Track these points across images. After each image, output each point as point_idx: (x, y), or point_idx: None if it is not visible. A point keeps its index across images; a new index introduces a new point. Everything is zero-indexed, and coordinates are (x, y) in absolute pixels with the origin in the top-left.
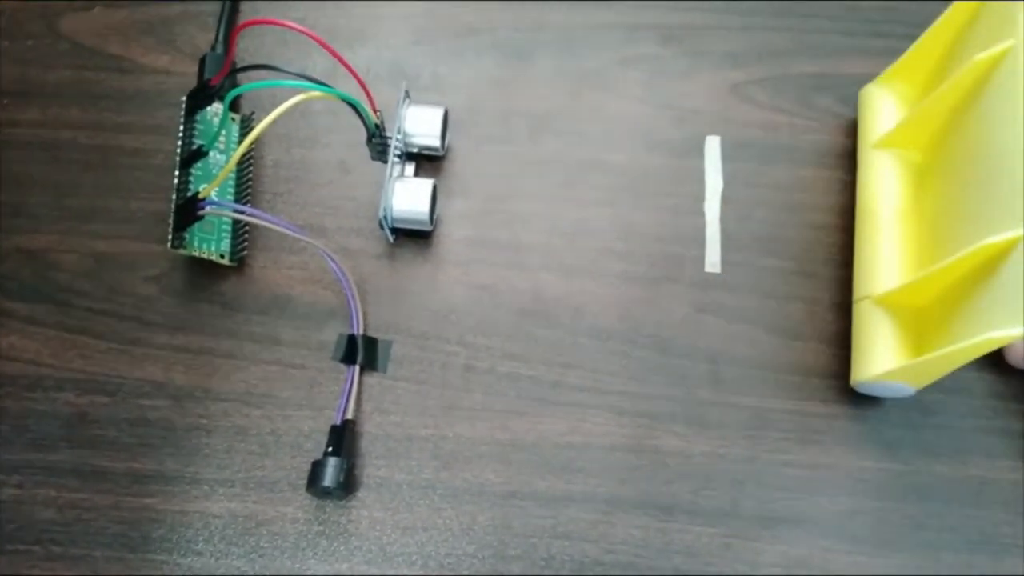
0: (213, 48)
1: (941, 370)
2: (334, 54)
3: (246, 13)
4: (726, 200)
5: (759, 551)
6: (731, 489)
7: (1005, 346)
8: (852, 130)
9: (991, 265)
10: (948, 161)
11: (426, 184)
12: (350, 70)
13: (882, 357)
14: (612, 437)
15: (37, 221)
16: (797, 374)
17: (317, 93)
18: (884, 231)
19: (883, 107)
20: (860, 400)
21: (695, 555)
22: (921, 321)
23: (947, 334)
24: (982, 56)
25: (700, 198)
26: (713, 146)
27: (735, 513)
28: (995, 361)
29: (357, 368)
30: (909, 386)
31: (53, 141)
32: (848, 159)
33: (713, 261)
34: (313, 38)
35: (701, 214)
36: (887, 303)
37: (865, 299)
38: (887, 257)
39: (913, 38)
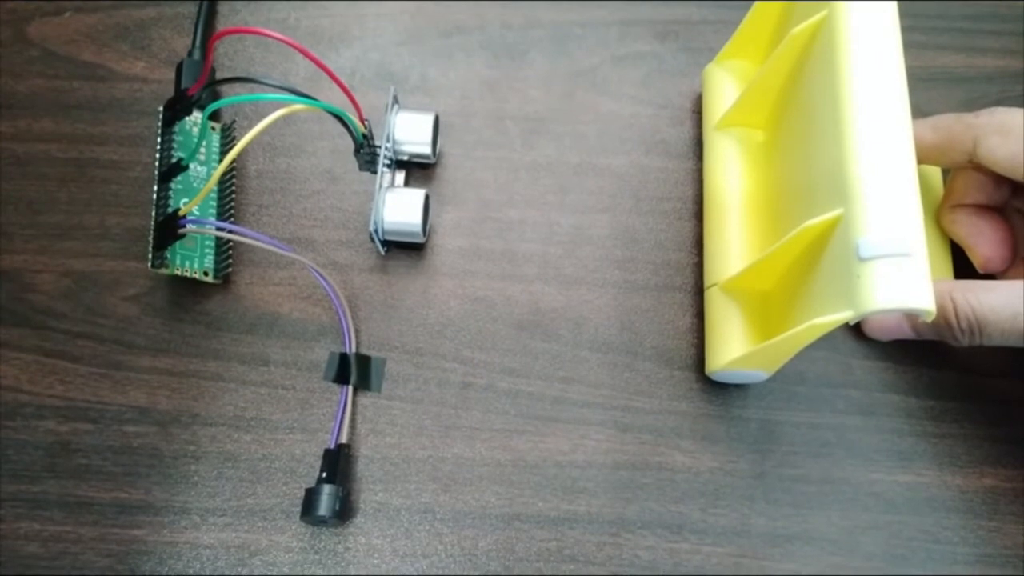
0: (190, 54)
1: (784, 355)
2: (317, 63)
3: (224, 14)
4: None
5: (769, 570)
6: (740, 506)
7: (862, 321)
8: None
9: (816, 248)
10: (783, 140)
11: (418, 194)
12: (335, 79)
13: (730, 344)
14: (616, 455)
15: (10, 239)
16: (805, 384)
17: (300, 106)
18: (730, 214)
19: (724, 86)
20: (871, 411)
21: (705, 575)
22: (768, 306)
23: (788, 319)
24: (797, 30)
25: (701, 201)
26: None
27: (745, 531)
28: (1005, 367)
29: (350, 388)
30: (762, 372)
31: (25, 155)
32: None
33: None
34: (294, 46)
35: (702, 218)
36: (733, 289)
37: (713, 286)
38: (734, 242)
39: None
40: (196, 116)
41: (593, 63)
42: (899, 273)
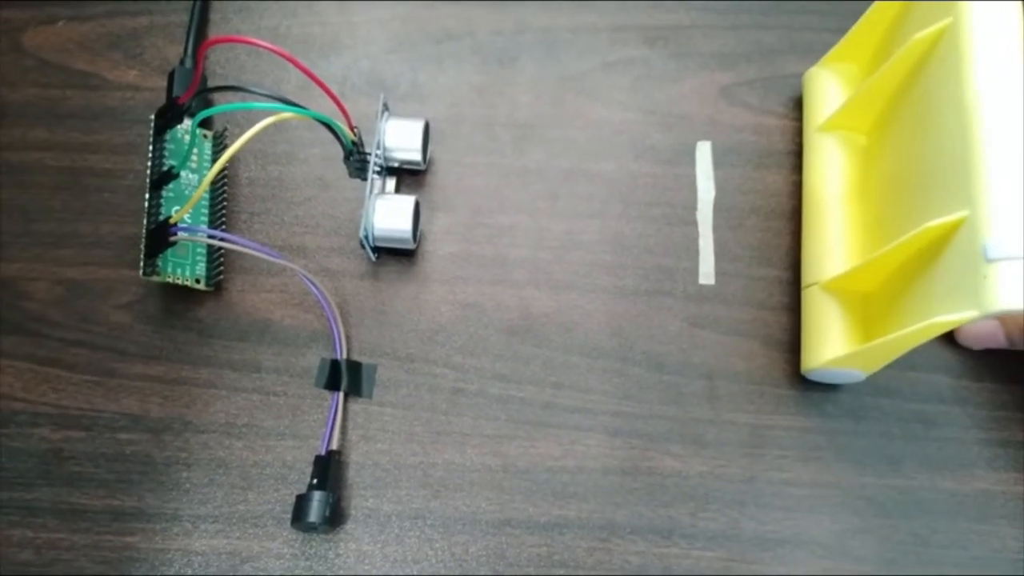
0: (182, 62)
1: (890, 355)
2: (306, 71)
3: (216, 22)
4: (718, 208)
5: (760, 574)
6: (730, 510)
7: (956, 328)
8: None
9: (935, 248)
10: (892, 143)
11: (408, 201)
12: (325, 89)
13: (831, 343)
14: (606, 460)
15: (4, 248)
16: (795, 388)
17: (289, 115)
18: (831, 216)
19: (828, 90)
20: (861, 414)
21: None
22: (869, 306)
23: (895, 319)
24: (920, 35)
25: (691, 207)
26: (704, 152)
27: (735, 535)
28: (997, 371)
29: (341, 394)
30: (860, 372)
31: (19, 163)
32: None
33: (707, 272)
34: (284, 56)
35: (693, 223)
36: (835, 289)
37: (813, 285)
38: (834, 242)
39: None
40: (187, 124)
41: (583, 69)
42: None
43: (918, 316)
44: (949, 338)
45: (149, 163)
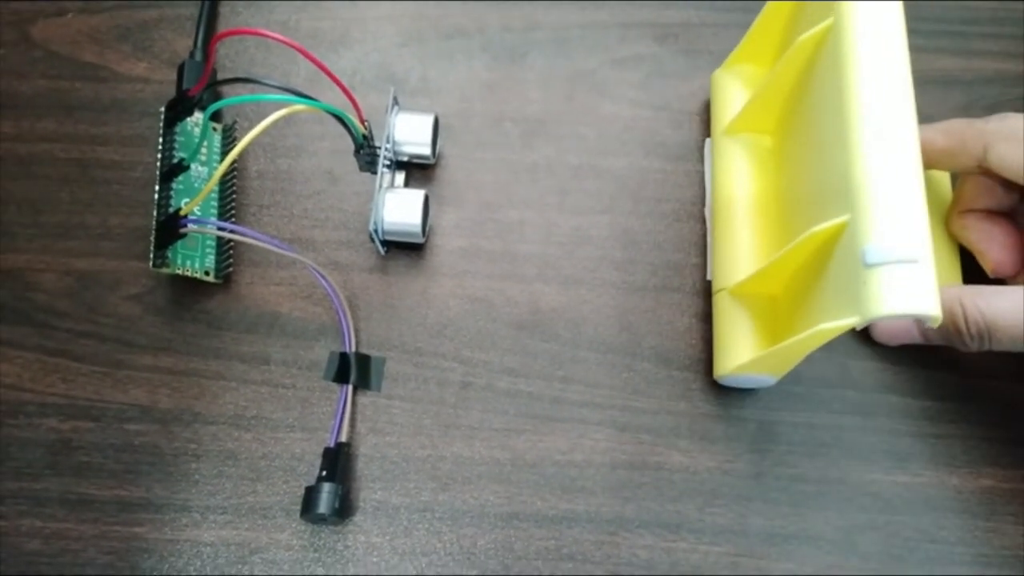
0: (192, 55)
1: (792, 359)
2: (317, 64)
3: (225, 15)
4: None
5: (767, 569)
6: (738, 505)
7: (869, 326)
8: None
9: (822, 253)
10: (791, 145)
11: (417, 195)
12: (335, 80)
13: (738, 349)
14: (614, 454)
15: (13, 239)
16: (803, 384)
17: (301, 107)
18: (738, 219)
19: (732, 92)
20: (869, 411)
21: (702, 574)
22: (776, 310)
23: (795, 324)
24: (804, 36)
25: (700, 203)
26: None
27: (742, 530)
28: (1005, 369)
29: (350, 387)
30: (770, 377)
31: (28, 155)
32: None
33: None
34: (295, 47)
35: (702, 220)
36: (742, 294)
37: (722, 291)
38: (742, 247)
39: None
40: (197, 117)
41: (592, 65)
42: (905, 279)
43: (811, 322)
44: None
45: (159, 155)
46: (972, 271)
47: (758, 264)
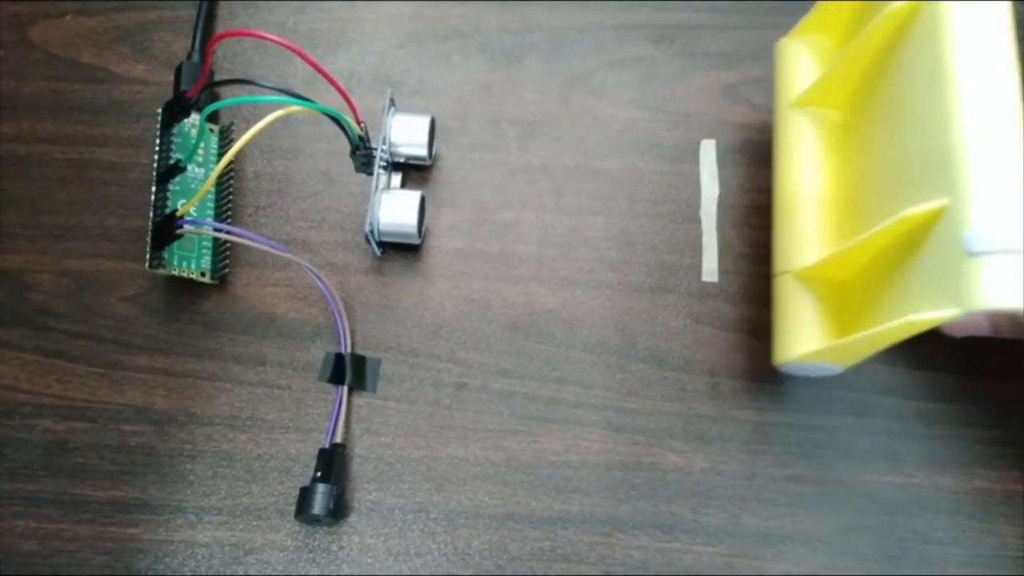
0: (189, 56)
1: (866, 351)
2: (314, 65)
3: (223, 17)
4: (722, 206)
5: (761, 570)
6: (732, 506)
7: None
8: None
9: (914, 238)
10: (869, 121)
11: (413, 196)
12: (332, 82)
13: (805, 337)
14: (609, 455)
15: (11, 240)
16: (797, 385)
17: (297, 108)
18: (804, 198)
19: (800, 63)
20: (863, 412)
21: (696, 575)
22: (845, 296)
23: (872, 312)
24: (895, 7)
25: (696, 204)
26: (708, 150)
27: (736, 531)
28: (1000, 369)
29: (345, 388)
30: (836, 366)
31: (26, 156)
32: None
33: (710, 270)
34: (291, 49)
35: (697, 221)
36: (808, 278)
37: (785, 273)
38: (807, 227)
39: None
40: (194, 118)
41: (589, 67)
42: (1010, 271)
43: (895, 311)
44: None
45: (156, 156)
46: None
47: (827, 246)
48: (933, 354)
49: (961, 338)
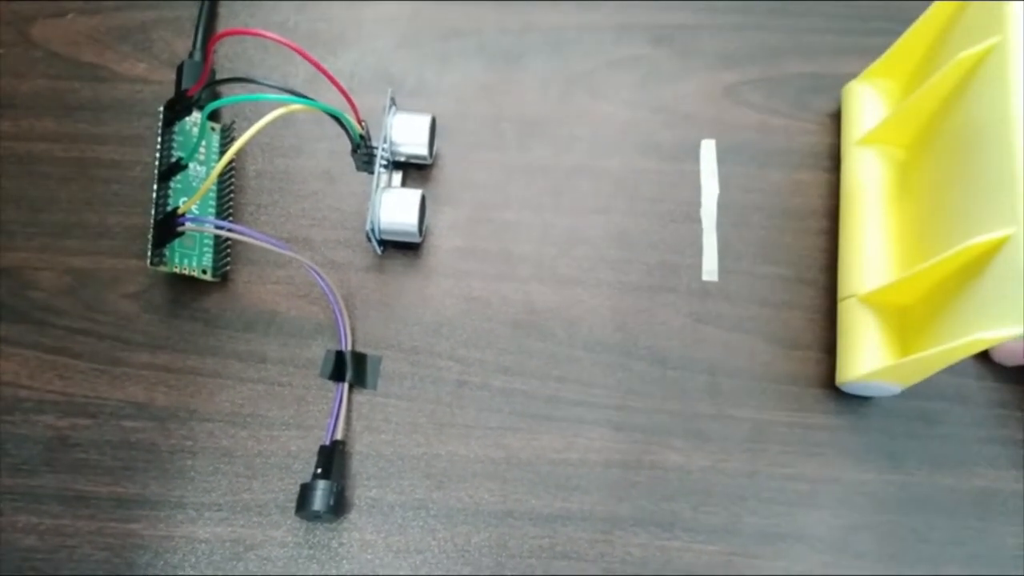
0: (191, 55)
1: (928, 370)
2: (315, 64)
3: (224, 17)
4: (722, 205)
5: (760, 568)
6: (732, 504)
7: (992, 347)
8: None
9: (978, 264)
10: (933, 158)
11: (414, 195)
12: (333, 81)
13: (868, 356)
14: (609, 453)
15: (12, 238)
16: (797, 385)
17: (298, 107)
18: (868, 228)
19: (867, 104)
20: (863, 411)
21: (696, 573)
22: (907, 319)
23: (934, 333)
24: (967, 53)
25: (695, 204)
26: (708, 150)
27: (736, 529)
28: (998, 370)
29: (346, 385)
30: (896, 385)
31: (27, 154)
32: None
33: (710, 269)
34: (293, 48)
35: (697, 220)
36: (872, 302)
37: (850, 298)
38: (872, 255)
39: None
40: (196, 116)
41: (589, 67)
42: None
43: (959, 332)
44: None
45: (157, 154)
46: None
47: (890, 274)
48: None
49: (1013, 367)
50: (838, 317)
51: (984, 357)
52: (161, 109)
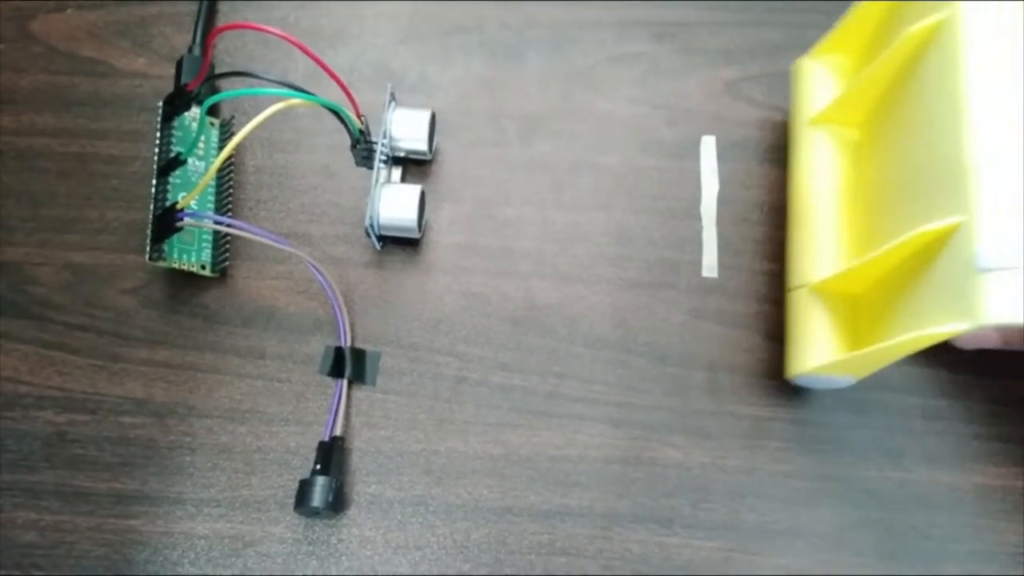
0: (190, 50)
1: (880, 363)
2: (315, 59)
3: (224, 12)
4: (722, 202)
5: (759, 565)
6: (731, 501)
7: None
8: None
9: (927, 254)
10: (886, 140)
11: (414, 190)
12: (332, 75)
13: (819, 349)
14: (608, 449)
15: (11, 232)
16: (796, 381)
17: (298, 101)
18: (820, 214)
19: (818, 82)
20: (862, 408)
21: (694, 569)
22: (859, 309)
23: (885, 326)
24: (914, 29)
25: (696, 200)
26: (709, 147)
27: (735, 526)
28: (998, 366)
29: (345, 382)
30: (849, 378)
31: (27, 149)
32: None
33: (710, 265)
34: (292, 42)
35: (697, 217)
36: (823, 292)
37: (800, 288)
38: (823, 242)
39: None
40: (195, 111)
41: (590, 63)
42: (1019, 287)
43: (908, 325)
44: None
45: (156, 150)
46: None
47: (841, 261)
48: (932, 350)
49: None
50: (787, 308)
51: (983, 351)
52: (160, 104)
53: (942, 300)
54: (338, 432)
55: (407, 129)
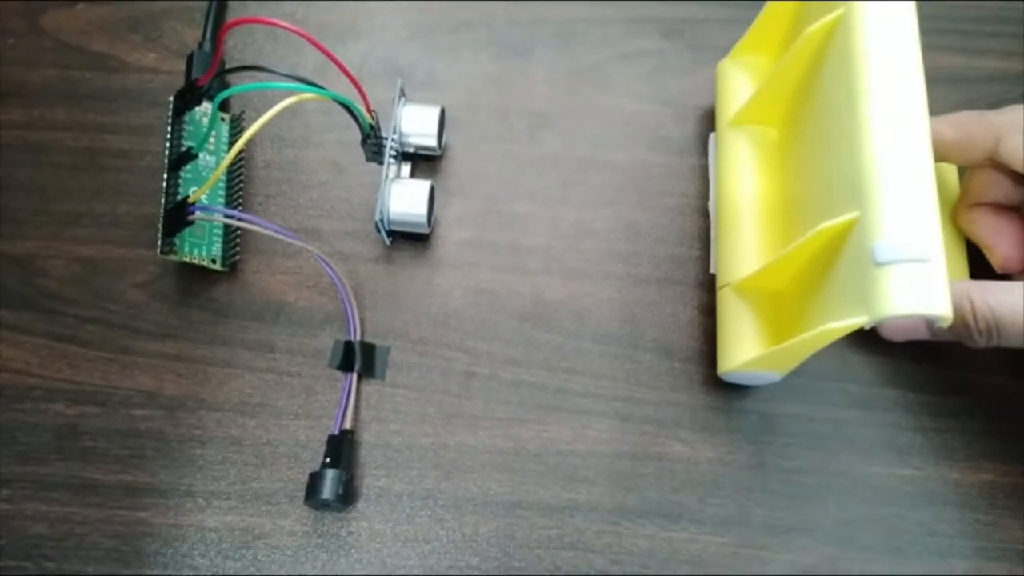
0: (201, 45)
1: (797, 358)
2: (326, 52)
3: (234, 7)
4: None
5: (767, 560)
6: (739, 496)
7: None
8: None
9: (831, 250)
10: (799, 138)
11: (423, 186)
12: (343, 70)
13: (743, 346)
14: (617, 444)
15: (22, 226)
16: (804, 377)
17: (309, 95)
18: (743, 213)
19: (738, 82)
20: (869, 404)
21: (702, 564)
22: (782, 306)
23: (802, 321)
24: (812, 29)
25: (704, 197)
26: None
27: (743, 521)
28: (1005, 364)
29: (355, 375)
30: (775, 373)
31: (37, 143)
32: None
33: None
34: (303, 36)
35: (705, 213)
36: (747, 289)
37: (726, 286)
38: (747, 241)
39: None
40: (206, 106)
41: (598, 60)
42: (915, 279)
43: (817, 320)
44: None
45: (167, 144)
46: (978, 266)
47: (764, 259)
48: (939, 347)
49: (901, 342)
50: (716, 306)
51: (987, 349)
52: (171, 99)
53: (844, 294)
54: (347, 425)
55: (417, 125)
